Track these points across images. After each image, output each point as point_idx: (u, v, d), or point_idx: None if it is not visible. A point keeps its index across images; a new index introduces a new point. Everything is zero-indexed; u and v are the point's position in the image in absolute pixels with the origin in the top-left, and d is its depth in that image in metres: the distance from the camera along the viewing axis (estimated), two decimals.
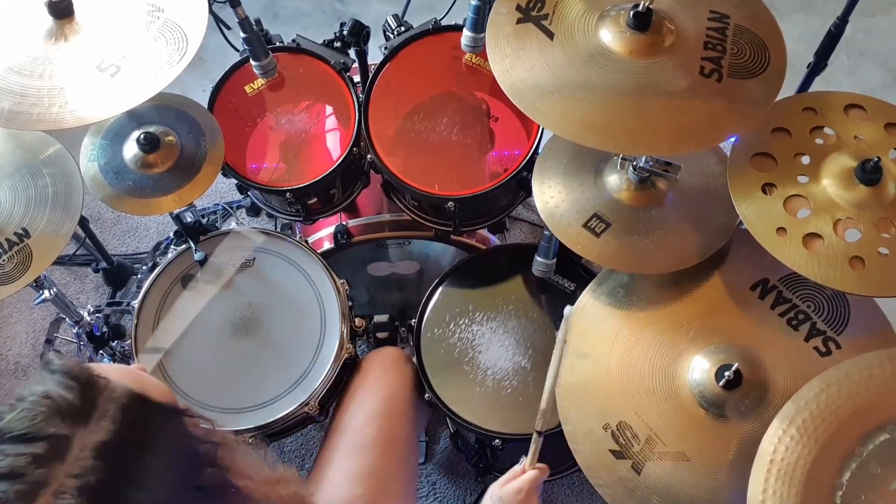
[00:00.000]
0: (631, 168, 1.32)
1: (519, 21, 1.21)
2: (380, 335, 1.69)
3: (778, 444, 1.01)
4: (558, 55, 1.17)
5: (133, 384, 0.73)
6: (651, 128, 1.13)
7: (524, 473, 1.25)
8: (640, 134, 1.13)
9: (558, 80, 1.15)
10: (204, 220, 1.59)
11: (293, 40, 1.63)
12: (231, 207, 2.22)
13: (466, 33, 1.47)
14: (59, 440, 0.66)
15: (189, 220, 1.56)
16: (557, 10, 1.21)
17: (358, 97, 1.57)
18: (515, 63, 1.17)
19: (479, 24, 1.44)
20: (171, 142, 1.46)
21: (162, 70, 1.25)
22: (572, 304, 1.37)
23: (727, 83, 1.14)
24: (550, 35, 1.19)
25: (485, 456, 1.72)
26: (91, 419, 0.68)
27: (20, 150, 1.45)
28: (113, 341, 1.81)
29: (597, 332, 1.33)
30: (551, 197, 1.36)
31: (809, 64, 1.56)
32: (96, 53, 1.27)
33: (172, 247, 1.62)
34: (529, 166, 1.45)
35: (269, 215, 1.92)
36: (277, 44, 1.64)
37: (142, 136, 1.42)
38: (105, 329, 1.79)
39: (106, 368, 0.75)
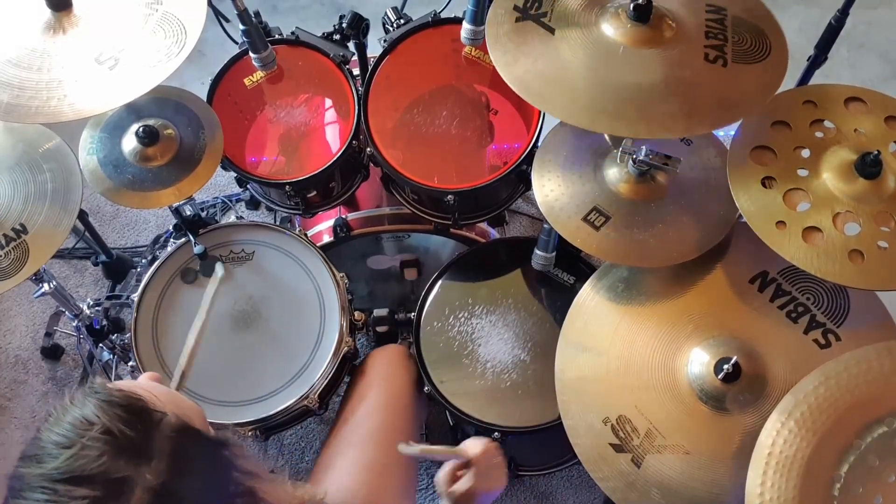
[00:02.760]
0: (630, 161, 1.32)
1: (518, 20, 1.21)
2: (379, 329, 1.69)
3: (776, 436, 1.02)
4: (562, 48, 1.17)
5: (178, 410, 0.71)
6: (661, 111, 1.14)
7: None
8: (651, 116, 1.14)
9: (563, 70, 1.15)
10: (203, 214, 1.59)
11: (292, 33, 1.63)
12: (230, 201, 2.22)
13: (466, 26, 1.47)
14: (123, 482, 0.63)
15: (188, 213, 1.56)
16: (556, 9, 1.21)
17: (357, 90, 1.57)
18: (518, 57, 1.17)
19: (478, 17, 1.43)
20: (170, 135, 1.45)
21: (161, 63, 1.25)
22: (572, 298, 1.37)
23: (732, 68, 1.15)
24: (551, 31, 1.19)
25: None
26: (153, 458, 0.65)
27: (21, 144, 1.45)
28: (112, 334, 1.82)
29: (596, 326, 1.33)
30: (551, 190, 1.36)
31: (810, 57, 1.55)
32: (95, 46, 1.27)
33: (172, 240, 1.62)
34: (529, 159, 1.45)
35: (269, 209, 1.92)
36: (276, 36, 1.64)
37: (141, 129, 1.42)
38: (105, 322, 1.79)
39: (148, 388, 0.72)
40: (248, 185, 1.70)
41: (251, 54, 1.54)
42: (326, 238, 1.73)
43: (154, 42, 1.26)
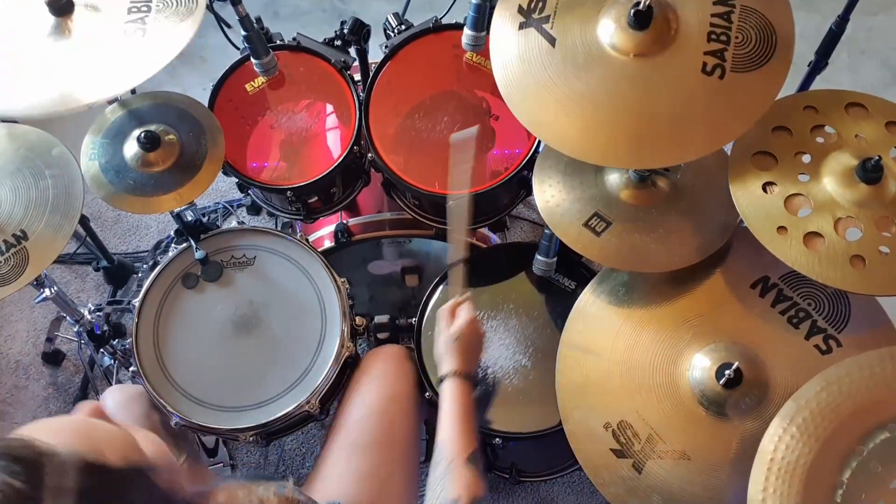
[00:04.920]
0: None
1: (521, 26, 1.21)
2: (380, 335, 1.69)
3: (778, 442, 1.01)
4: (559, 63, 1.17)
5: (85, 447, 0.68)
6: (652, 138, 1.13)
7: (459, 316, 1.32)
8: (641, 146, 1.14)
9: (560, 91, 1.16)
10: (204, 219, 1.59)
11: (294, 38, 1.63)
12: (232, 206, 2.23)
13: (467, 32, 1.47)
14: None
15: (190, 218, 1.56)
16: (558, 12, 1.21)
17: (358, 95, 1.57)
18: (522, 79, 1.18)
19: (479, 23, 1.44)
20: (171, 140, 1.46)
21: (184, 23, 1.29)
22: (573, 303, 1.37)
23: (730, 79, 1.14)
24: (552, 41, 1.19)
25: (485, 454, 1.72)
26: (44, 502, 0.63)
27: (24, 150, 1.45)
28: (114, 340, 1.82)
29: (597, 331, 1.33)
30: (552, 195, 1.36)
31: (810, 63, 1.56)
32: (109, 29, 1.31)
33: (173, 245, 1.62)
34: (530, 165, 1.45)
35: (270, 214, 1.92)
36: (278, 42, 1.64)
37: (142, 135, 1.42)
38: (106, 327, 1.79)
39: (56, 428, 0.70)
40: (250, 191, 1.70)
41: (253, 60, 1.54)
42: (328, 243, 1.73)
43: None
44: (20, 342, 2.15)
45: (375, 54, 1.64)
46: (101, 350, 1.85)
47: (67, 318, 1.75)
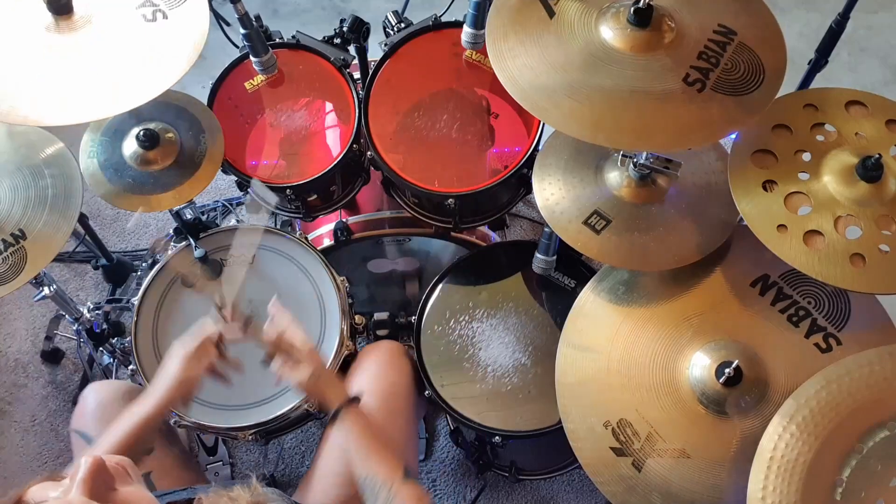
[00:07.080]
0: (631, 165, 1.32)
1: None
2: (380, 332, 1.69)
3: (778, 440, 1.02)
4: (552, 34, 1.17)
5: None
6: (616, 120, 1.12)
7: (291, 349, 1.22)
8: (604, 123, 1.12)
9: (547, 53, 1.16)
10: (204, 217, 1.59)
11: (293, 37, 1.63)
12: (231, 204, 2.22)
13: (467, 30, 1.47)
14: None
15: (189, 216, 1.56)
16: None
17: (358, 94, 1.57)
18: (508, 33, 1.17)
19: (479, 21, 1.43)
20: (170, 138, 1.46)
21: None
22: (573, 302, 1.37)
23: (707, 95, 1.13)
24: (551, 13, 1.18)
25: (485, 453, 1.73)
26: None
27: (24, 149, 1.45)
28: (113, 338, 1.82)
29: (597, 329, 1.33)
30: (552, 194, 1.36)
31: (810, 61, 1.56)
32: (107, 44, 1.26)
33: (172, 244, 1.62)
34: (530, 163, 1.45)
35: (269, 212, 1.92)
36: (277, 40, 1.64)
37: (141, 133, 1.42)
38: (105, 326, 1.79)
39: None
40: (249, 189, 1.69)
41: (252, 58, 1.54)
42: (327, 242, 1.73)
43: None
44: (19, 340, 2.15)
45: (375, 52, 1.64)
46: (101, 348, 1.85)
47: (66, 316, 1.75)
